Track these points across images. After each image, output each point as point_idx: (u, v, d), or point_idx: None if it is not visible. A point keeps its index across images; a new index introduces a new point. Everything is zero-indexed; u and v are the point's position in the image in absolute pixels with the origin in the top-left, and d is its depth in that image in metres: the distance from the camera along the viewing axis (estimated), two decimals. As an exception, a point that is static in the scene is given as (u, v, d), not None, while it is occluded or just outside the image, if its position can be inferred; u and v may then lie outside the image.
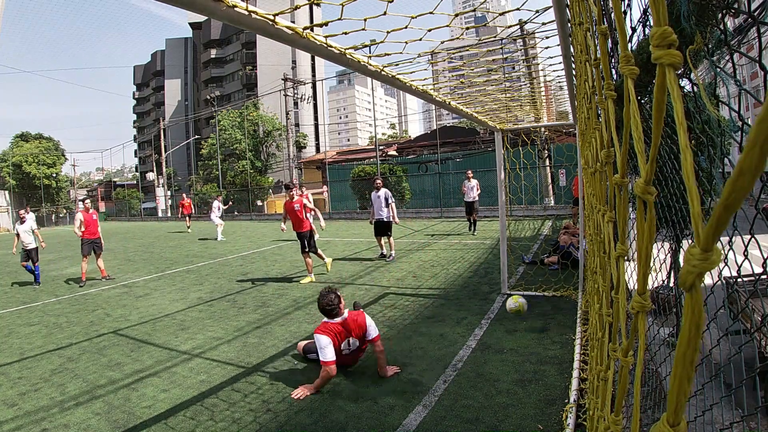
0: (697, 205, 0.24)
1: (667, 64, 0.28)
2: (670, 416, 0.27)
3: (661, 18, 0.29)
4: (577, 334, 3.92)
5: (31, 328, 5.60)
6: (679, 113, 0.27)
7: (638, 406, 0.45)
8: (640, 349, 0.38)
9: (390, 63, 2.47)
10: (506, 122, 5.89)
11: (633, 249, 2.24)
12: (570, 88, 3.53)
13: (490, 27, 2.50)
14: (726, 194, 0.20)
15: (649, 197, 0.33)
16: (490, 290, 6.02)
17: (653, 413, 2.55)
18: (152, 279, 8.61)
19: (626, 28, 1.21)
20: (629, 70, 0.38)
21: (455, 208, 19.91)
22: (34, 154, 41.28)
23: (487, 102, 4.38)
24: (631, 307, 0.37)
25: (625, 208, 0.51)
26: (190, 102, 60.59)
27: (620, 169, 0.48)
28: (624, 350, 0.49)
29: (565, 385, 3.17)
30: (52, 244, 17.46)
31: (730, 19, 1.79)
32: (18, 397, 3.60)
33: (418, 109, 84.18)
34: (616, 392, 0.52)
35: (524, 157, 7.19)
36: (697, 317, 0.24)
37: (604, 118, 0.67)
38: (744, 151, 0.19)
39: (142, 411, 3.25)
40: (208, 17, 1.38)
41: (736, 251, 1.22)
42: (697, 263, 0.22)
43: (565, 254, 6.87)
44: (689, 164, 0.25)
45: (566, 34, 2.20)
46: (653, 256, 3.42)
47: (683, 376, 0.26)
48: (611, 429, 0.58)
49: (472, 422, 2.83)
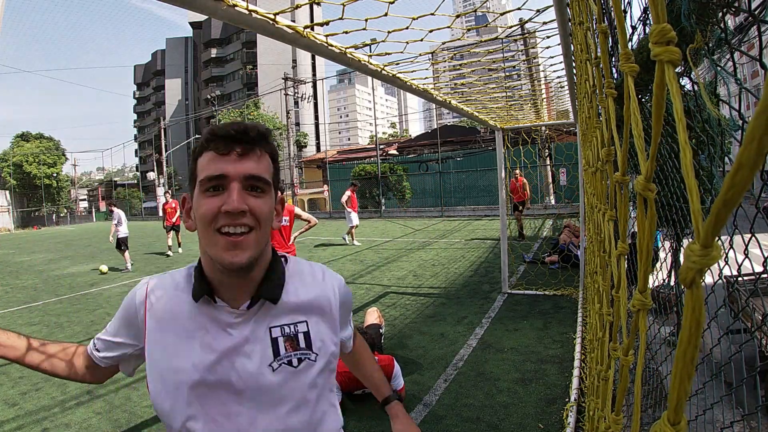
0: (696, 202, 0.24)
1: (666, 61, 0.28)
2: (671, 415, 0.27)
3: (660, 15, 0.29)
4: (578, 333, 3.92)
5: (32, 328, 5.60)
6: (678, 110, 0.27)
7: (639, 405, 0.45)
8: (641, 347, 0.38)
9: (390, 62, 2.46)
10: (507, 121, 5.89)
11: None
12: (570, 87, 3.53)
13: (491, 27, 2.50)
14: (725, 189, 0.20)
15: (650, 194, 0.33)
16: (491, 289, 6.02)
17: (653, 412, 2.55)
18: (153, 278, 8.61)
19: (626, 27, 1.21)
20: (629, 68, 0.38)
21: (456, 207, 19.91)
22: (34, 153, 41.27)
23: (488, 102, 4.38)
24: (632, 306, 0.37)
25: (626, 207, 0.51)
26: (190, 101, 60.63)
27: (621, 167, 0.48)
28: (624, 349, 0.49)
29: (566, 384, 3.17)
30: (53, 244, 17.49)
31: (731, 17, 1.79)
32: (19, 396, 3.61)
33: (419, 108, 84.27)
34: (617, 391, 0.52)
35: (525, 156, 7.18)
36: (697, 314, 0.24)
37: (604, 116, 0.67)
38: (742, 145, 0.19)
39: (143, 410, 3.25)
40: (208, 17, 1.38)
41: (737, 250, 1.22)
42: (697, 259, 0.22)
43: (565, 257, 6.87)
44: (689, 161, 0.25)
45: (567, 33, 2.19)
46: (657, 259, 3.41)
47: (684, 374, 0.26)
48: (612, 428, 0.58)
49: (473, 421, 2.83)
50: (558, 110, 6.38)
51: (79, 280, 8.93)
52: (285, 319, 0.88)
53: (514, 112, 5.39)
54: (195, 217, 0.84)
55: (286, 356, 0.85)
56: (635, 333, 0.40)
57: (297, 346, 0.86)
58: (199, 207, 0.81)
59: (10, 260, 13.04)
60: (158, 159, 41.85)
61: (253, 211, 0.80)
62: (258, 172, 0.81)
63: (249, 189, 0.81)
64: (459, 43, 3.36)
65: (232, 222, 0.78)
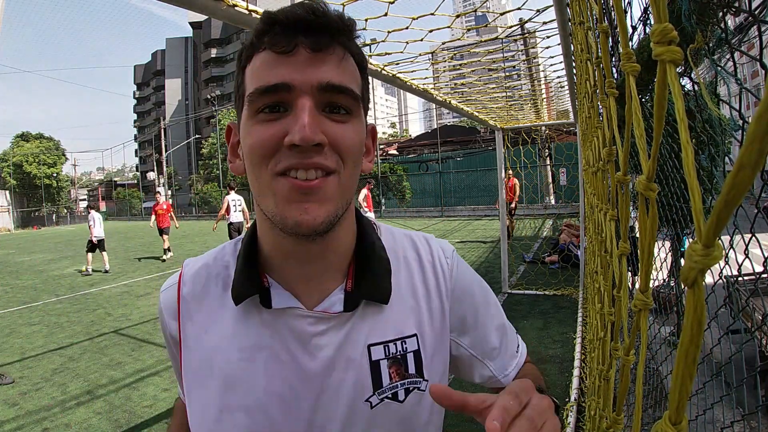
0: (698, 201, 0.24)
1: (668, 61, 0.28)
2: (672, 414, 0.27)
3: (662, 15, 0.29)
4: (578, 333, 3.92)
5: (32, 328, 5.60)
6: (680, 110, 0.27)
7: (640, 405, 0.45)
8: (642, 347, 0.38)
9: (390, 62, 2.46)
10: (507, 121, 5.89)
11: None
12: (570, 87, 3.53)
13: (491, 27, 2.50)
14: (726, 189, 0.20)
15: (651, 194, 0.33)
16: (491, 289, 6.01)
17: (653, 412, 2.55)
18: (153, 278, 8.62)
19: (627, 26, 1.22)
20: (631, 67, 0.38)
21: (456, 207, 19.91)
22: (34, 153, 41.28)
23: (488, 102, 4.38)
24: (634, 305, 0.37)
25: (627, 207, 0.51)
26: (190, 101, 60.59)
27: (622, 167, 0.48)
28: (626, 349, 0.49)
29: (566, 384, 3.17)
30: (53, 244, 17.49)
31: (731, 17, 1.79)
32: (19, 396, 3.61)
33: (419, 108, 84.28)
34: (618, 391, 0.52)
35: (525, 156, 7.18)
36: (699, 314, 0.24)
37: (605, 116, 0.67)
38: (744, 145, 0.19)
39: (143, 410, 3.25)
40: (208, 17, 1.37)
41: (737, 250, 1.22)
42: (699, 259, 0.22)
43: (565, 257, 6.87)
44: (690, 161, 0.25)
45: (567, 33, 2.19)
46: (654, 255, 3.41)
47: (685, 373, 0.26)
48: (613, 428, 0.58)
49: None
50: (558, 110, 6.38)
51: (79, 280, 8.93)
52: (391, 332, 0.59)
53: (514, 112, 5.39)
54: (243, 153, 0.55)
55: (390, 387, 0.57)
56: (636, 333, 0.40)
57: (405, 373, 0.58)
58: (248, 137, 0.52)
59: (10, 260, 13.04)
60: (158, 159, 41.85)
61: (334, 143, 0.51)
62: (341, 81, 0.52)
63: (327, 109, 0.52)
64: (459, 43, 3.36)
65: (302, 161, 0.50)
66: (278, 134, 0.50)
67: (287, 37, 0.50)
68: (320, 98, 0.51)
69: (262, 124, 0.51)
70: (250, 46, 0.54)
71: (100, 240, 9.43)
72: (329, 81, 0.51)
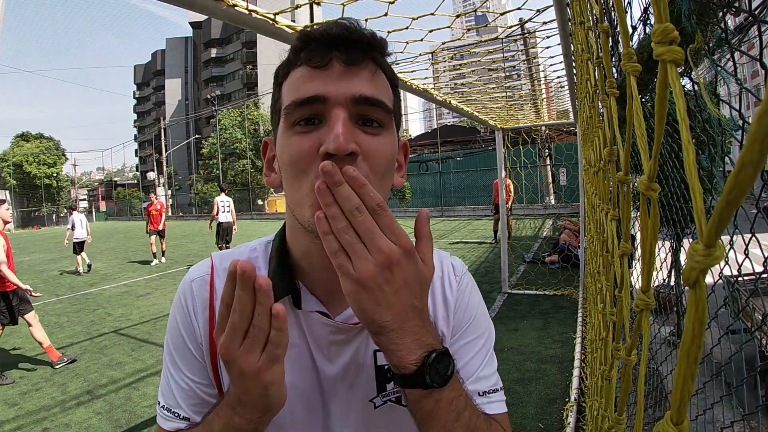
0: (700, 201, 0.24)
1: (669, 61, 0.28)
2: (674, 414, 0.27)
3: (663, 15, 0.29)
4: (578, 333, 3.92)
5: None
6: (681, 110, 0.27)
7: (642, 405, 0.45)
8: (644, 347, 0.38)
9: (390, 62, 2.46)
10: (507, 121, 5.90)
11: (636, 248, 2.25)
12: (570, 87, 3.53)
13: (491, 27, 2.50)
14: (728, 189, 0.20)
15: (653, 194, 0.33)
16: (491, 289, 6.02)
17: (654, 412, 2.55)
18: (153, 278, 8.62)
19: (628, 26, 1.22)
20: (632, 67, 0.38)
21: (456, 207, 19.92)
22: (34, 153, 41.29)
23: (488, 102, 4.38)
24: (635, 305, 0.37)
25: (629, 206, 0.51)
26: (190, 101, 60.59)
27: (623, 167, 0.48)
28: (627, 349, 0.49)
29: (566, 384, 3.17)
30: (53, 244, 17.48)
31: (731, 17, 1.79)
32: (19, 396, 3.61)
33: (419, 108, 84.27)
34: (620, 391, 0.52)
35: (525, 156, 7.18)
36: (700, 314, 0.24)
37: (606, 116, 0.67)
38: (745, 145, 0.19)
39: (143, 410, 3.25)
40: (208, 17, 1.38)
41: (737, 250, 1.22)
42: (700, 259, 0.22)
43: (565, 257, 6.87)
44: (691, 160, 0.25)
45: (567, 33, 2.19)
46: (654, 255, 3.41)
47: (687, 373, 0.26)
48: (615, 429, 0.58)
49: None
50: (558, 110, 6.38)
51: (79, 280, 8.93)
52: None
53: (514, 112, 5.39)
54: (279, 166, 0.58)
55: (394, 392, 0.61)
56: (638, 333, 0.40)
57: None
58: (285, 149, 0.55)
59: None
60: (158, 159, 41.85)
61: (367, 153, 0.53)
62: (374, 94, 0.54)
63: (360, 122, 0.54)
64: (459, 43, 3.36)
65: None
66: (314, 145, 0.52)
67: (322, 53, 0.54)
68: (353, 110, 0.53)
69: (298, 135, 0.54)
70: (287, 63, 0.57)
71: (80, 242, 9.41)
72: (362, 93, 0.53)
